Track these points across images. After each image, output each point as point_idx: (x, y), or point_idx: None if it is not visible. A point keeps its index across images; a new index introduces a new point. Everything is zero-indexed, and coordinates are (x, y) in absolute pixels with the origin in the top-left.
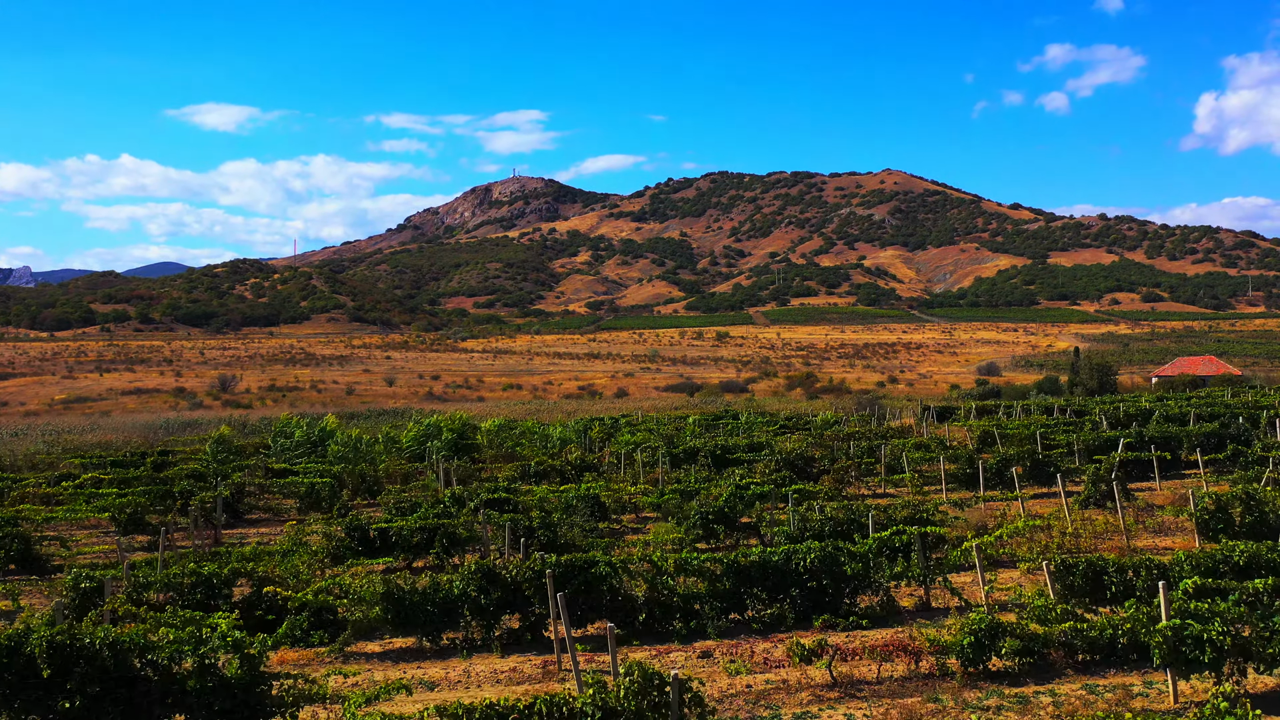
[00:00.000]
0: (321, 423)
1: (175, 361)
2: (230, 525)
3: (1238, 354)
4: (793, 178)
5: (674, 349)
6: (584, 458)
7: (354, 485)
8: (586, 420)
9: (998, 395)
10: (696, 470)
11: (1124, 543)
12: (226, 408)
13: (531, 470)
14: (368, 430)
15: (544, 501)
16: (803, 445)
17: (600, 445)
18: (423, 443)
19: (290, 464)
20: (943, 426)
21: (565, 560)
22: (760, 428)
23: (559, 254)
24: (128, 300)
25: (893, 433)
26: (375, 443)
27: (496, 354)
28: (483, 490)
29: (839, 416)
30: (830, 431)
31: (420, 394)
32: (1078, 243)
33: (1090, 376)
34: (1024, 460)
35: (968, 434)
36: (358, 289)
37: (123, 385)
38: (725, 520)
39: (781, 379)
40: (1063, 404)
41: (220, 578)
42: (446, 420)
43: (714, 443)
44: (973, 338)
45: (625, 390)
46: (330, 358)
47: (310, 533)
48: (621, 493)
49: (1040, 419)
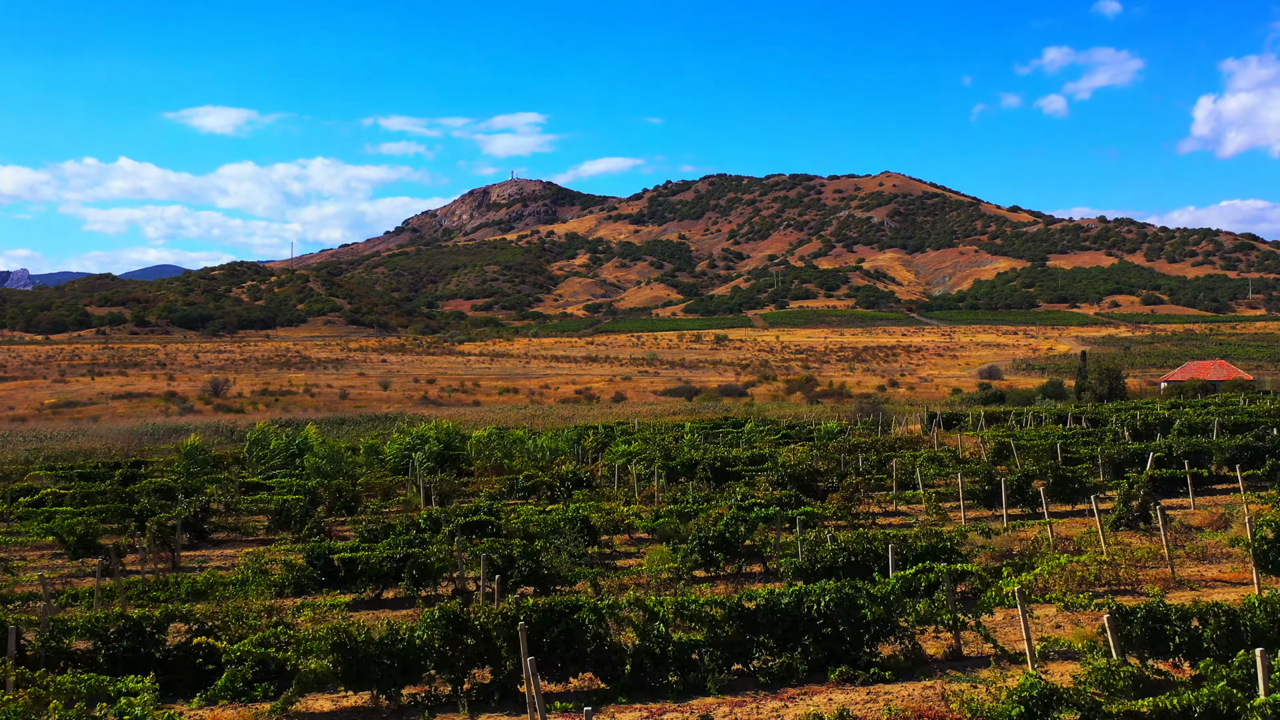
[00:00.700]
0: (301, 433)
1: (169, 365)
2: (193, 546)
3: (1241, 357)
4: (791, 180)
5: (672, 352)
6: (576, 471)
7: (330, 501)
8: (580, 428)
9: (1002, 400)
10: (695, 485)
11: (1168, 573)
12: (217, 412)
13: (520, 485)
14: (354, 438)
15: (528, 524)
16: (807, 458)
17: (594, 456)
18: (407, 454)
19: (266, 476)
20: (952, 435)
21: (544, 604)
22: (761, 437)
23: (557, 256)
24: (123, 303)
25: (900, 443)
26: (358, 453)
27: (493, 357)
28: (461, 512)
29: (843, 425)
30: (835, 443)
31: (415, 398)
32: (1077, 245)
33: (1099, 381)
34: (1046, 476)
35: (980, 445)
36: (355, 292)
37: (114, 389)
38: (726, 546)
39: (781, 383)
40: (1076, 411)
41: (152, 622)
42: (433, 430)
43: (713, 455)
44: (972, 341)
45: (623, 394)
46: (325, 361)
47: (272, 559)
48: (614, 512)
49: (1056, 429)
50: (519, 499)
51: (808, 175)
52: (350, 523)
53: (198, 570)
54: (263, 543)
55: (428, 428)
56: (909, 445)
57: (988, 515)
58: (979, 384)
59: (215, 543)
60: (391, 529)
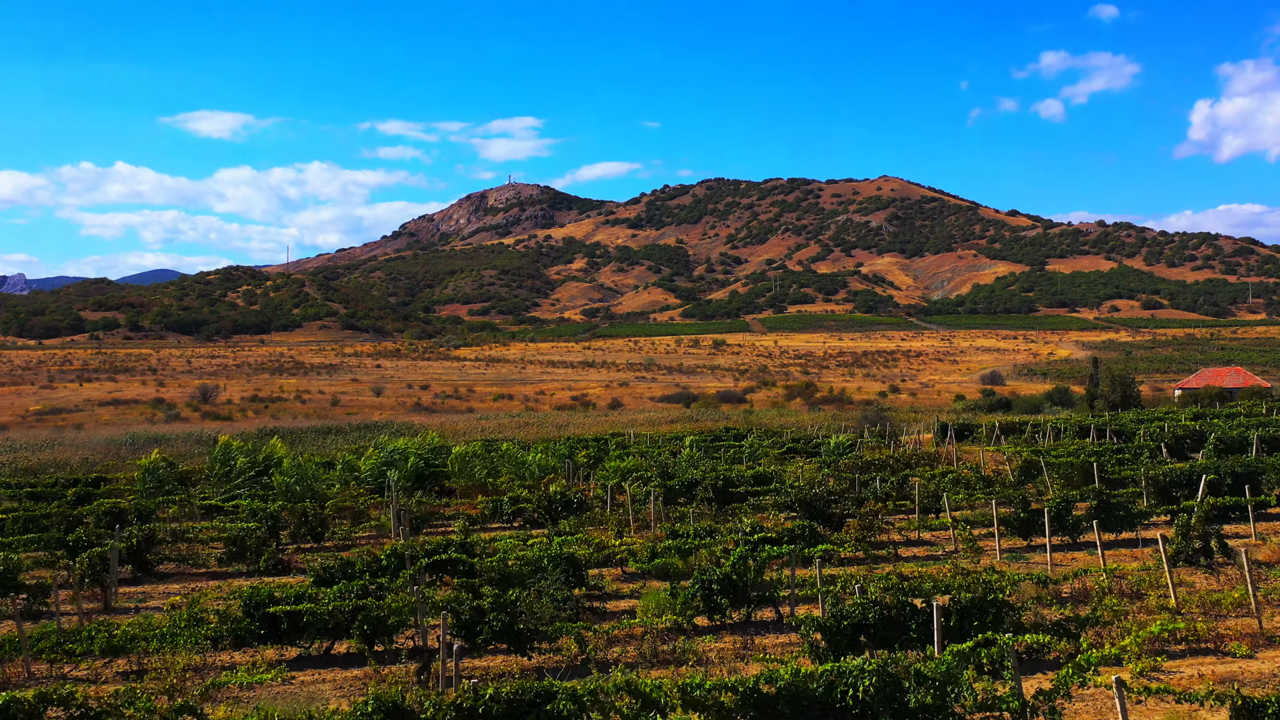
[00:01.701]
0: (266, 448)
1: (160, 370)
2: (135, 580)
3: (1245, 362)
4: (789, 184)
5: (670, 357)
6: (565, 491)
7: (295, 526)
8: (573, 442)
9: (1008, 407)
10: (695, 507)
11: (1253, 625)
12: (205, 420)
13: (504, 508)
14: (332, 451)
15: (506, 561)
16: (818, 477)
17: (587, 473)
18: (383, 471)
19: (228, 498)
20: (967, 447)
21: (509, 693)
22: (764, 451)
23: (554, 261)
24: (118, 308)
25: (916, 459)
26: (333, 468)
27: (489, 362)
28: (430, 547)
29: (852, 438)
30: (847, 460)
31: (408, 405)
32: (1076, 249)
33: (1112, 389)
34: (1089, 500)
35: (1006, 462)
36: (351, 296)
37: (101, 396)
38: (734, 590)
39: (780, 388)
40: (1099, 423)
41: (24, 708)
42: (413, 445)
43: (715, 473)
44: (972, 345)
45: (620, 401)
46: (319, 366)
47: (219, 599)
48: (606, 545)
49: (1085, 445)
50: (503, 523)
51: (805, 179)
52: (316, 551)
53: (133, 611)
54: (215, 576)
55: (408, 442)
56: (926, 461)
57: (1023, 546)
58: (981, 390)
59: (161, 576)
60: (350, 566)
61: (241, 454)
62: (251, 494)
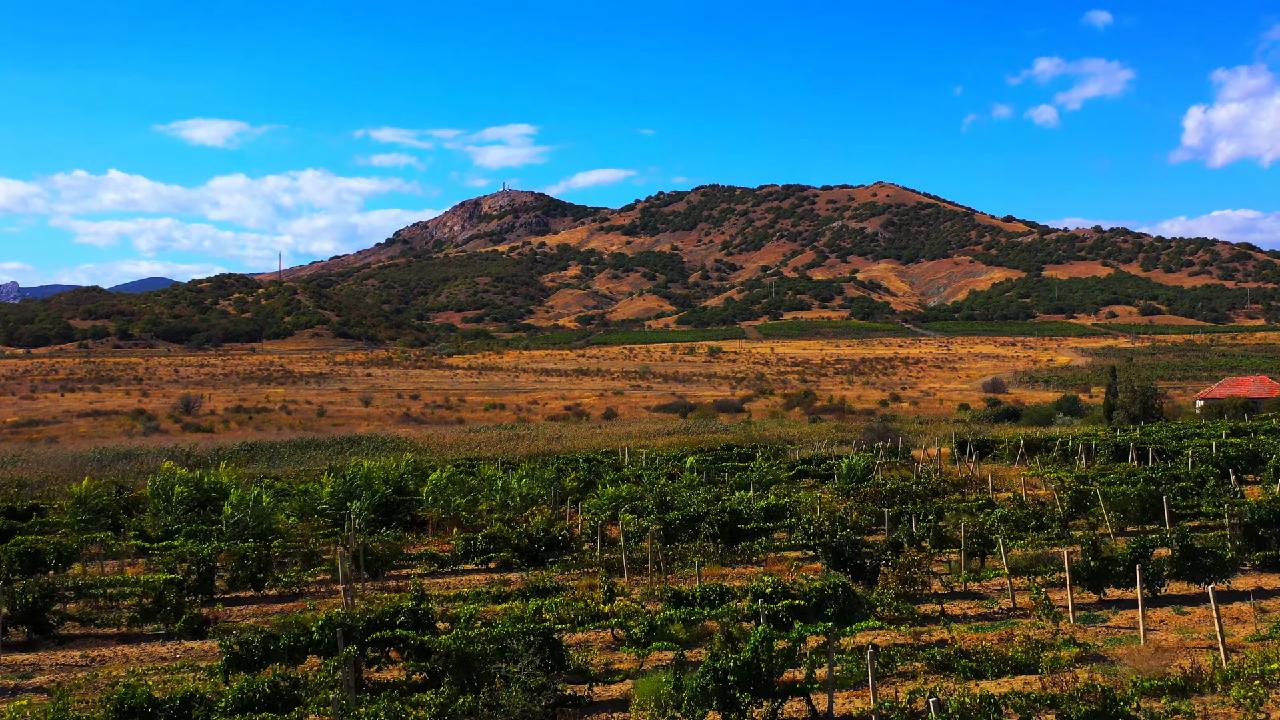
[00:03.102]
0: (211, 474)
1: (146, 380)
2: (30, 645)
3: (1251, 369)
4: (784, 191)
5: (666, 365)
6: (550, 527)
7: (233, 569)
8: (562, 463)
9: (1015, 417)
10: (699, 545)
11: None
12: (185, 432)
13: (478, 548)
14: (314, 464)
15: (467, 638)
16: (839, 509)
17: (577, 498)
18: (344, 501)
19: (166, 534)
20: (996, 469)
21: None
22: (774, 475)
23: (549, 268)
24: (108, 316)
25: (944, 485)
26: (289, 496)
27: (482, 371)
28: (368, 619)
29: (868, 459)
30: (868, 488)
31: (396, 415)
32: (1073, 255)
33: (1132, 400)
34: (1171, 544)
35: (1043, 487)
36: (343, 304)
37: (81, 407)
38: (755, 680)
39: (779, 397)
40: (1138, 439)
41: None
42: (380, 469)
43: (721, 505)
44: (971, 352)
45: (614, 411)
46: (309, 375)
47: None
48: (593, 607)
49: (1139, 472)
50: (477, 564)
51: (801, 186)
52: (255, 602)
53: (9, 692)
54: (126, 639)
55: (377, 465)
56: (953, 486)
57: (1093, 601)
58: (985, 398)
59: (61, 640)
60: (273, 641)
61: (182, 482)
62: (192, 529)
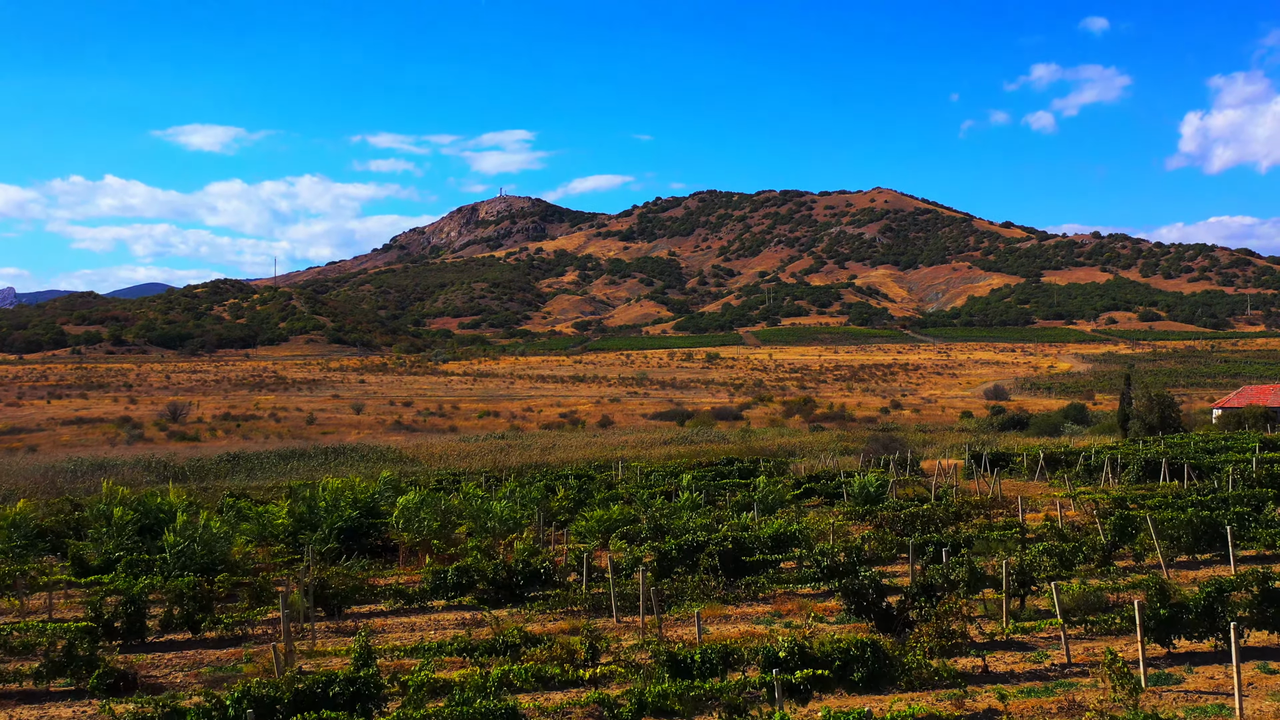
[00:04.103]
0: (159, 498)
1: (136, 386)
2: None
3: (1255, 375)
4: (782, 196)
5: (663, 371)
6: (530, 557)
7: (169, 607)
8: (551, 478)
9: (1021, 425)
10: (699, 579)
11: None
12: (170, 440)
13: (449, 581)
14: (297, 475)
15: None
16: (854, 535)
17: (565, 520)
18: (303, 527)
19: (108, 560)
20: (1019, 486)
21: None
22: (779, 495)
23: (546, 274)
24: (101, 321)
25: (969, 507)
26: (245, 520)
27: (477, 377)
28: (296, 692)
29: (881, 477)
30: (885, 510)
31: (387, 423)
32: (1071, 261)
33: (1149, 409)
34: (1249, 588)
35: (1081, 511)
36: (339, 310)
37: (66, 414)
38: None
39: (778, 404)
40: (1169, 454)
41: None
42: (348, 488)
43: (722, 533)
44: (970, 359)
45: (610, 418)
46: (301, 382)
47: None
48: (571, 671)
49: (1189, 494)
50: (448, 599)
51: (799, 191)
52: (190, 647)
53: None
54: (30, 698)
55: (343, 484)
56: (978, 508)
57: (1161, 655)
58: (988, 406)
59: None
60: (178, 717)
61: (126, 504)
62: (132, 559)
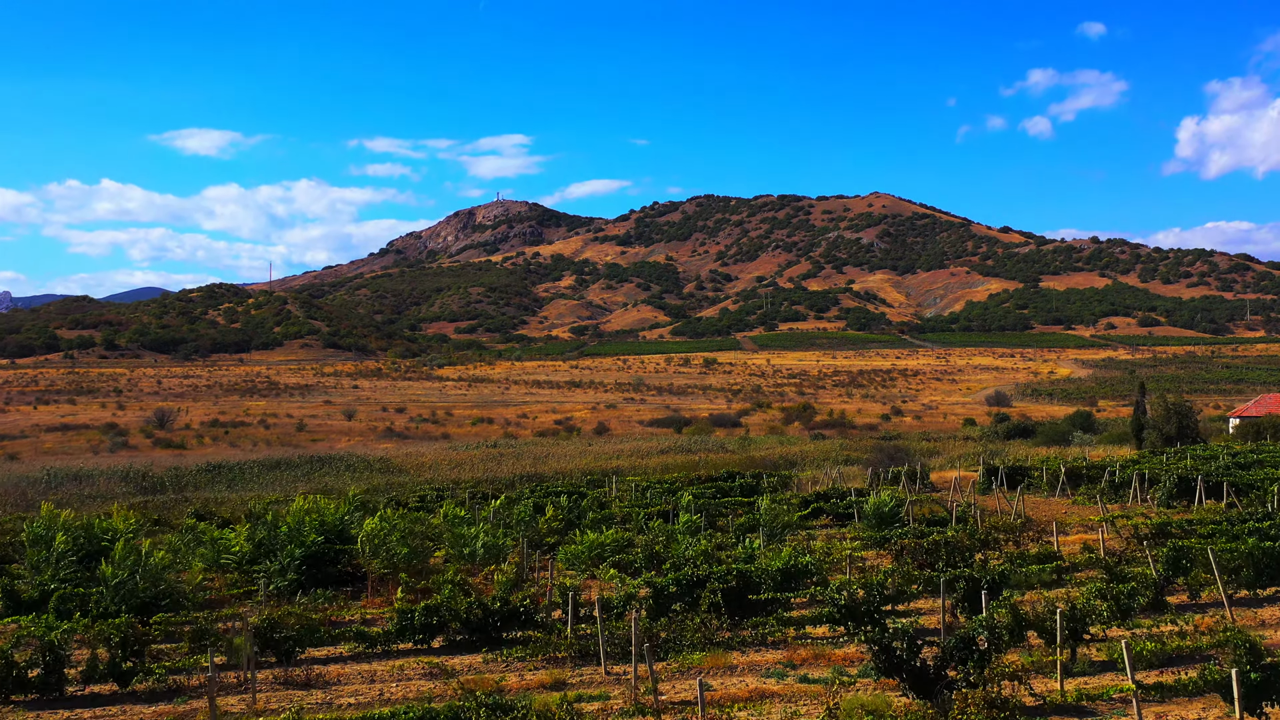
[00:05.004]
0: (103, 520)
1: (126, 392)
2: None
3: (1257, 381)
4: (779, 201)
5: (660, 376)
6: (514, 586)
7: (93, 654)
8: (540, 495)
9: (1027, 434)
10: (700, 620)
11: None
12: (156, 447)
13: (415, 621)
14: (280, 487)
15: None
16: (873, 566)
17: (554, 544)
18: (263, 554)
19: (44, 592)
20: (1053, 501)
21: None
22: (786, 519)
23: (543, 278)
24: (95, 326)
25: (997, 533)
26: (198, 544)
27: (472, 382)
28: None
29: (895, 495)
30: (906, 538)
31: (379, 430)
32: (1070, 266)
33: (1166, 419)
34: None
35: (1118, 534)
36: (334, 314)
37: (52, 420)
38: None
39: (777, 410)
40: (1205, 471)
41: None
42: (314, 510)
43: (726, 566)
44: (970, 364)
45: (606, 425)
46: (294, 387)
47: None
48: None
49: (1249, 521)
50: (416, 642)
51: (796, 196)
52: (116, 700)
53: None
54: None
55: (308, 506)
56: (1008, 534)
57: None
58: (992, 413)
59: None
60: None
61: (66, 528)
62: (67, 593)
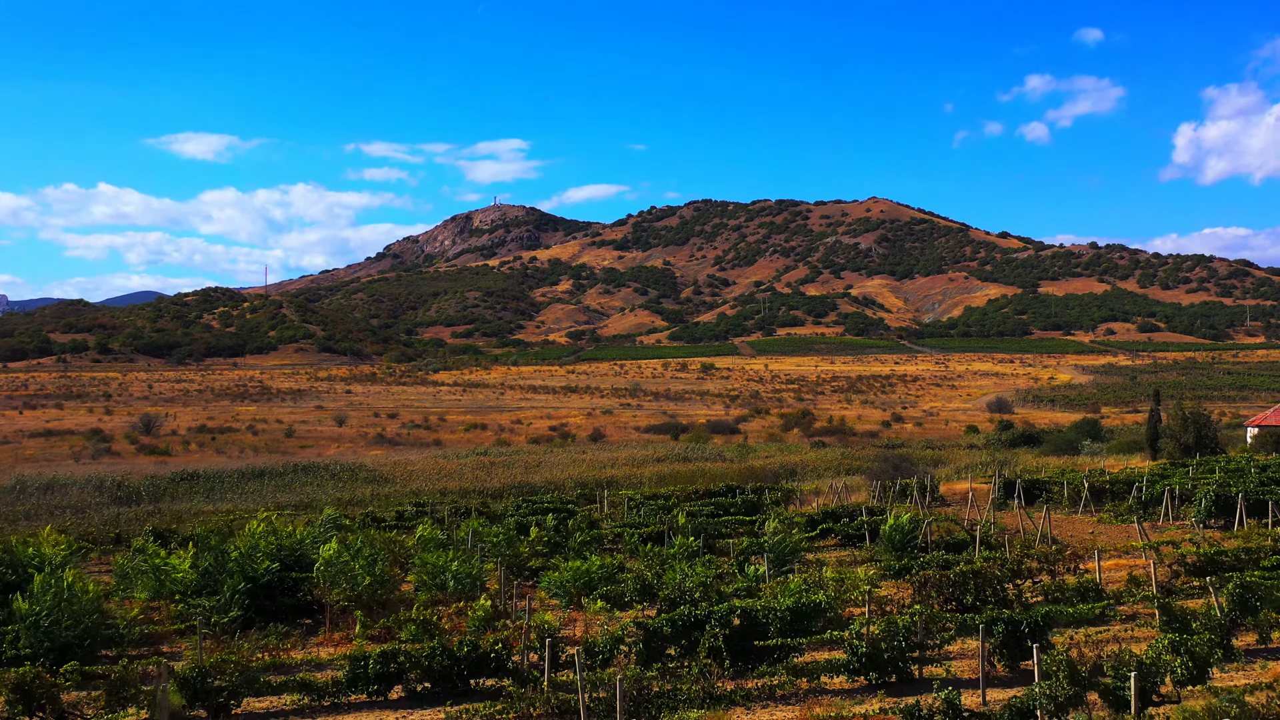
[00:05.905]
0: (31, 547)
1: (116, 396)
2: None
3: (1262, 389)
4: (777, 206)
5: (657, 381)
6: (485, 626)
7: None
8: (525, 514)
9: (1033, 441)
10: (699, 667)
11: None
12: (140, 454)
13: (370, 670)
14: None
15: None
16: (903, 618)
17: (538, 568)
18: (209, 583)
19: None
20: (1075, 518)
21: None
22: (792, 545)
23: (540, 283)
24: (89, 329)
25: (1031, 562)
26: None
27: (467, 387)
28: None
29: (914, 515)
30: (928, 568)
31: (369, 436)
32: (1069, 272)
33: (1183, 429)
34: None
35: (1163, 563)
36: (330, 318)
37: (36, 425)
38: None
39: (775, 417)
40: (1224, 481)
41: None
42: (270, 535)
43: (729, 604)
44: (969, 370)
45: (602, 432)
46: (286, 392)
47: None
48: None
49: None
50: (371, 695)
51: (794, 201)
52: None
53: None
54: None
55: (263, 531)
56: (1042, 563)
57: None
58: (994, 420)
59: None
60: None
61: None
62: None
